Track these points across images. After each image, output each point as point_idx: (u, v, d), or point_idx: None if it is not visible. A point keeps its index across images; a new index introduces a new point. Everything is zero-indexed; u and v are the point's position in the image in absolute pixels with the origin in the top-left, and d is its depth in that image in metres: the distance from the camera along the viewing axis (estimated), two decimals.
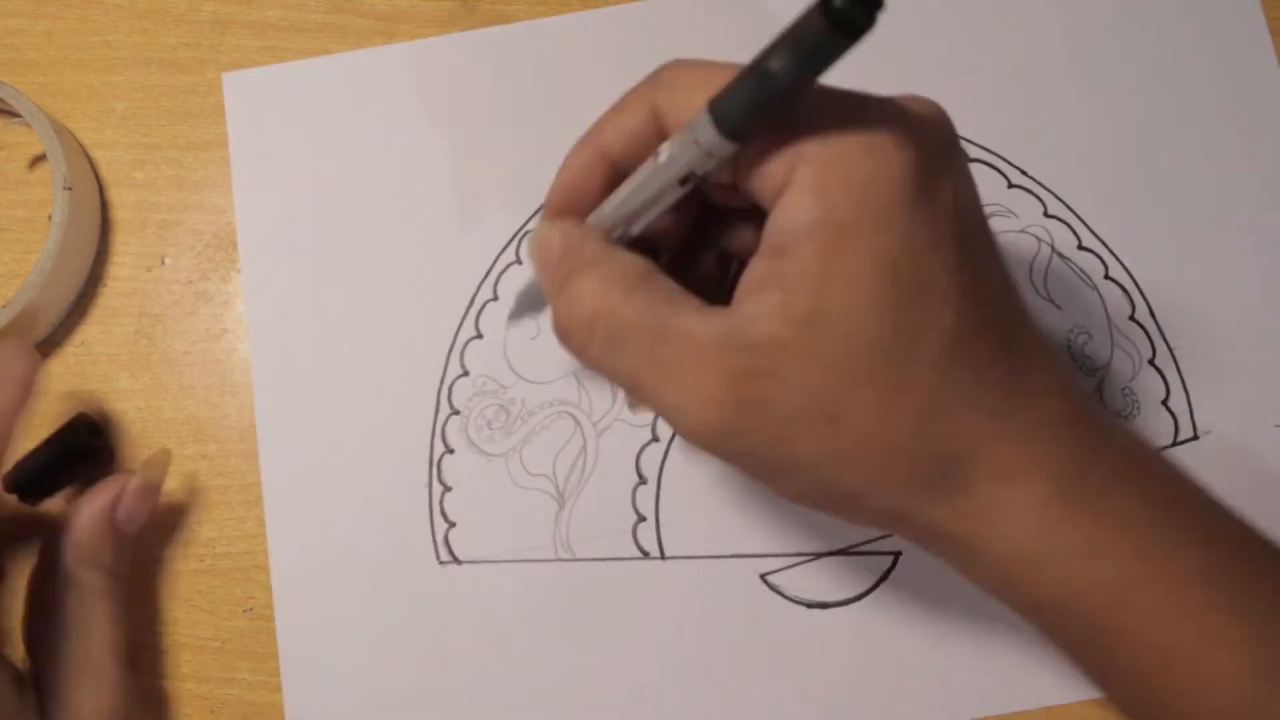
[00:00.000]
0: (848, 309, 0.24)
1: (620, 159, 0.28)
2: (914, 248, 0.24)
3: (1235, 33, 0.41)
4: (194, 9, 0.42)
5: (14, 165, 0.42)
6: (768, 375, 0.25)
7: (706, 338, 0.25)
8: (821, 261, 0.24)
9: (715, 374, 0.25)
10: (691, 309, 0.26)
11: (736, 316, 0.25)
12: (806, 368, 0.25)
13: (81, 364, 0.40)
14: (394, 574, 0.38)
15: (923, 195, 0.24)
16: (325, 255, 0.40)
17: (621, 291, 0.26)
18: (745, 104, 0.23)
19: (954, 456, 0.26)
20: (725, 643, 0.37)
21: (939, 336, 0.25)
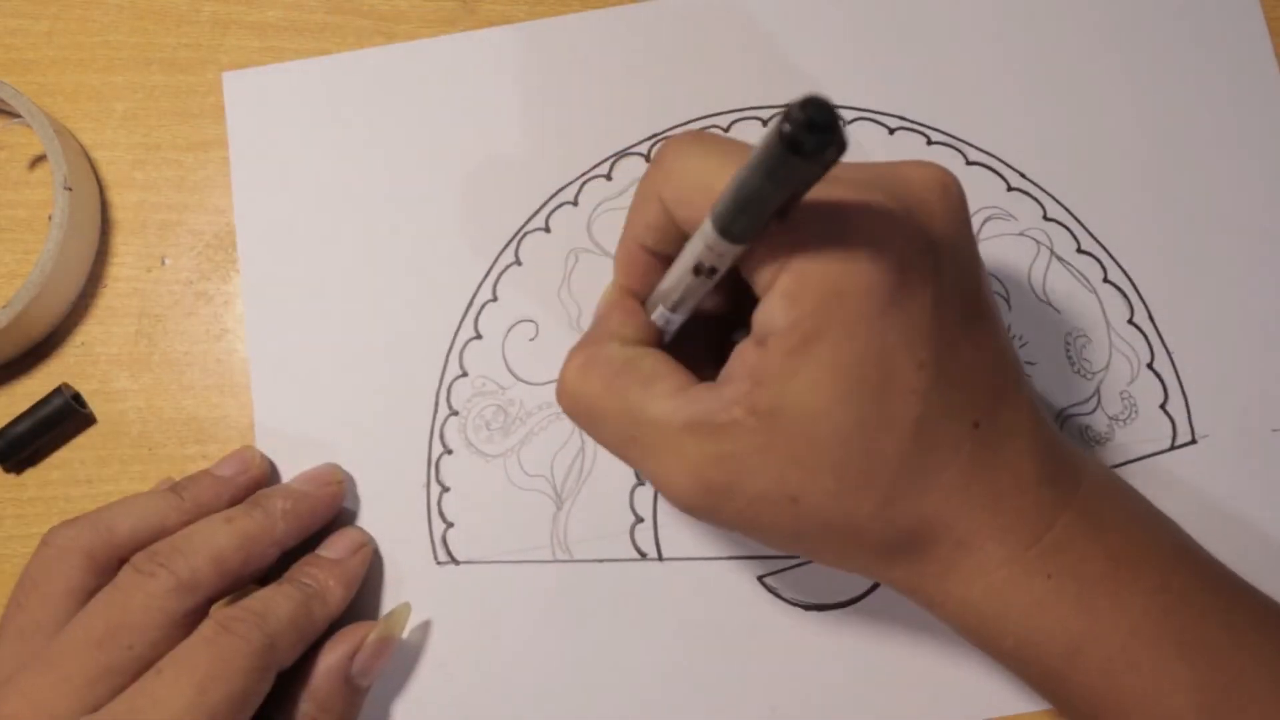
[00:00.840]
0: (807, 408, 0.26)
1: (654, 247, 0.30)
2: (880, 351, 0.26)
3: (1235, 33, 0.41)
4: (194, 9, 0.42)
5: (14, 165, 0.42)
6: (731, 459, 0.27)
7: (675, 425, 0.28)
8: (788, 361, 0.26)
9: (683, 458, 0.28)
10: (666, 394, 0.28)
11: (711, 397, 0.27)
12: (768, 455, 0.27)
13: (81, 364, 0.40)
14: (392, 574, 0.38)
15: (895, 303, 0.26)
16: (325, 255, 0.40)
17: (602, 378, 0.29)
18: (733, 214, 0.25)
19: (913, 530, 0.28)
20: (722, 644, 0.37)
21: (903, 428, 0.27)
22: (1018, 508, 0.28)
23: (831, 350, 0.26)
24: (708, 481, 0.27)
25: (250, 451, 0.38)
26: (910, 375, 0.26)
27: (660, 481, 0.28)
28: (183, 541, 0.33)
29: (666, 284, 0.30)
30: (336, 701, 0.34)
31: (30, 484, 0.40)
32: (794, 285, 0.26)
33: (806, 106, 0.21)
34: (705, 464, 0.27)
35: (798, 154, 0.21)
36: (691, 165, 0.28)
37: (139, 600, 0.32)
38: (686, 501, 0.28)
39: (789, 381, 0.26)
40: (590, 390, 0.29)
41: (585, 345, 0.30)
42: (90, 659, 0.31)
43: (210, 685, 0.30)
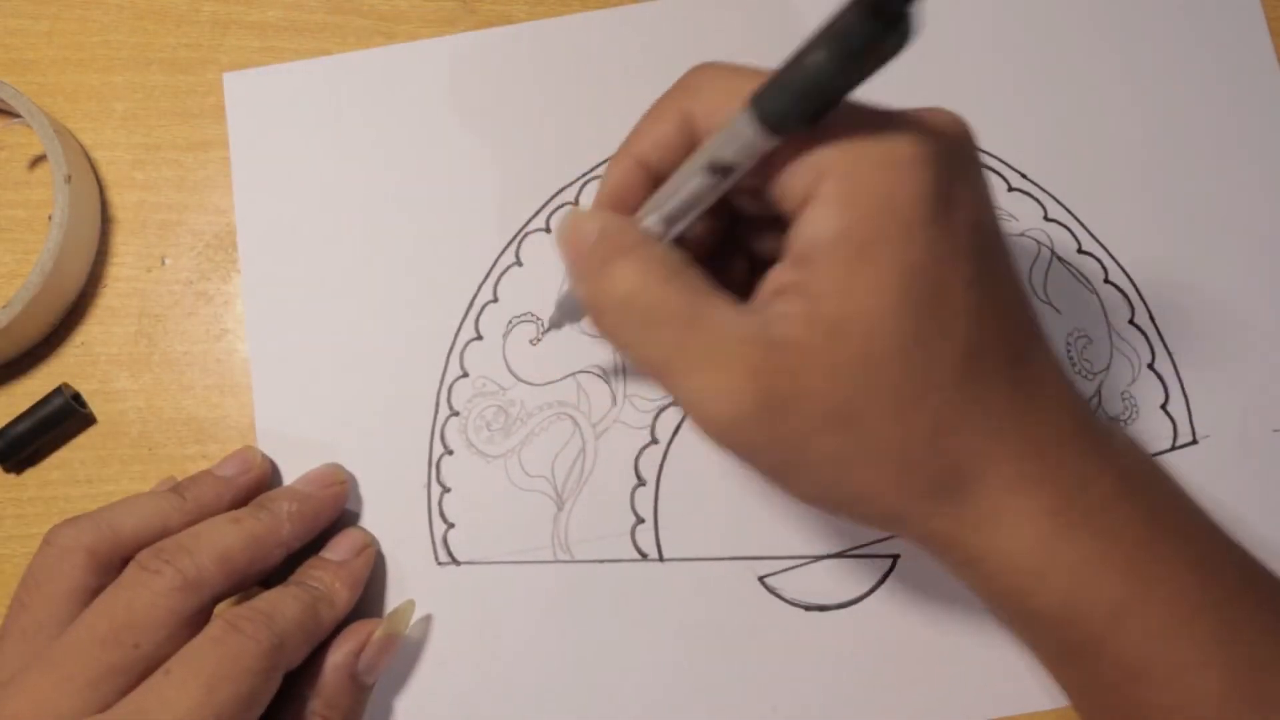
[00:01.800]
0: (869, 319, 0.25)
1: (657, 165, 0.29)
2: (933, 262, 0.25)
3: (1235, 33, 0.41)
4: (194, 9, 0.42)
5: (14, 165, 0.42)
6: (793, 375, 0.26)
7: (738, 331, 0.26)
8: (845, 273, 0.25)
9: (743, 366, 0.26)
10: (725, 303, 0.27)
11: (765, 311, 0.26)
12: (830, 372, 0.26)
13: (81, 364, 0.40)
14: (393, 574, 0.38)
15: (942, 211, 0.25)
16: (325, 255, 0.40)
17: (660, 277, 0.27)
18: (789, 97, 0.23)
19: (962, 466, 0.27)
20: (723, 645, 0.37)
21: (955, 349, 0.26)
22: (1060, 458, 0.27)
23: (888, 258, 0.25)
24: (764, 393, 0.26)
25: (251, 452, 0.38)
26: (960, 292, 0.26)
27: (708, 395, 0.26)
28: (189, 540, 0.33)
29: (663, 194, 0.28)
30: (342, 699, 0.35)
31: (30, 484, 0.40)
32: (841, 191, 0.25)
33: None
34: (766, 374, 0.26)
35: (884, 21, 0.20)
36: (725, 78, 0.27)
37: (145, 598, 0.32)
38: (734, 417, 0.26)
39: (847, 293, 0.25)
40: (650, 288, 0.27)
41: (621, 252, 0.28)
42: (95, 658, 0.31)
43: (219, 685, 0.30)
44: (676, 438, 0.38)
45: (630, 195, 0.30)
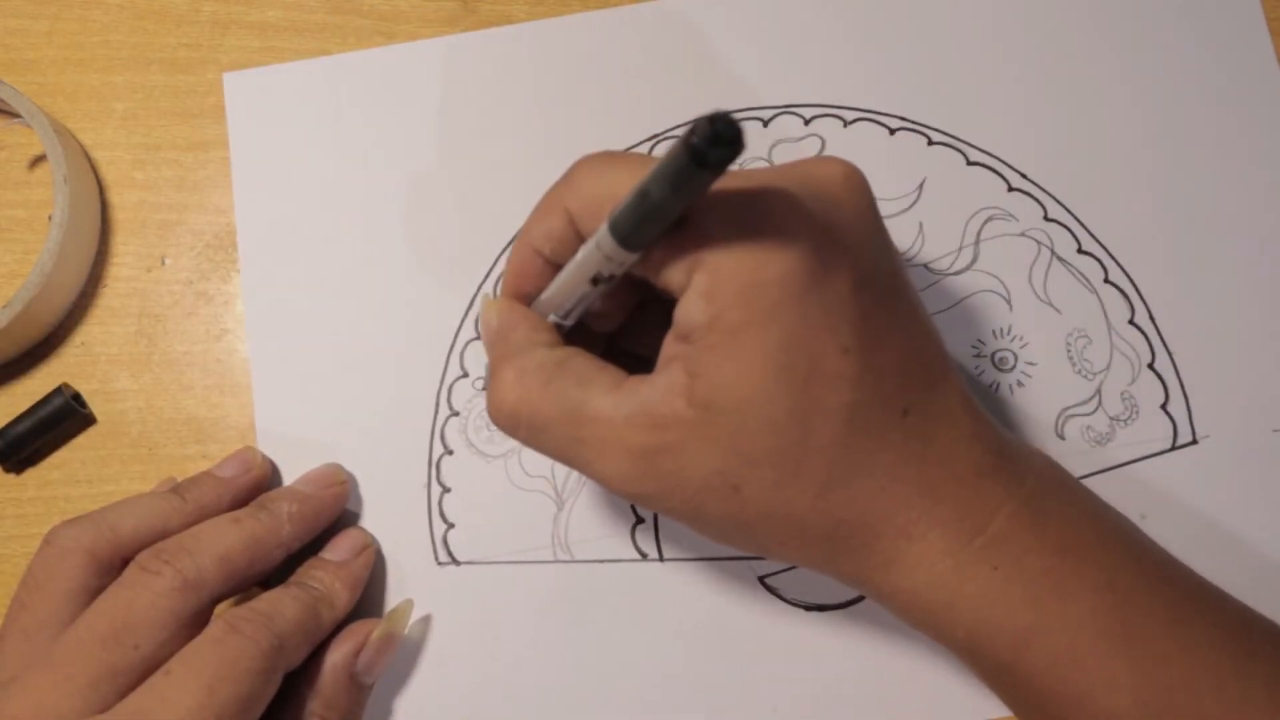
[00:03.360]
0: (741, 398, 0.27)
1: (551, 255, 0.30)
2: (803, 338, 0.26)
3: (1235, 33, 0.41)
4: (194, 9, 0.42)
5: (14, 165, 0.42)
6: (674, 449, 0.27)
7: (619, 418, 0.28)
8: (717, 355, 0.27)
9: (628, 450, 0.28)
10: (604, 391, 0.28)
11: (647, 389, 0.28)
12: (708, 445, 0.27)
13: (81, 364, 0.40)
14: (393, 574, 0.38)
15: (812, 287, 0.26)
16: (325, 255, 0.40)
17: (538, 384, 0.29)
18: (635, 222, 0.26)
19: (854, 520, 0.28)
20: (723, 645, 0.37)
21: (834, 415, 0.27)
22: (957, 497, 0.28)
23: (756, 340, 0.26)
24: (654, 471, 0.28)
25: (251, 452, 0.38)
26: (836, 360, 0.27)
27: (608, 476, 0.29)
28: (189, 540, 0.33)
29: (555, 291, 0.30)
30: (342, 699, 0.35)
31: (30, 484, 0.40)
32: (709, 281, 0.26)
33: (715, 121, 0.22)
34: (651, 454, 0.28)
35: (703, 166, 0.23)
36: (598, 178, 0.29)
37: (145, 599, 0.32)
38: (633, 493, 0.28)
39: (719, 374, 0.27)
40: (530, 399, 0.29)
41: (507, 359, 0.30)
42: (96, 659, 0.31)
43: (219, 686, 0.30)
44: None
45: (530, 281, 0.31)
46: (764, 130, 0.41)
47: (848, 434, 0.27)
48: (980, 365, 0.39)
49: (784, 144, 0.40)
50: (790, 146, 0.40)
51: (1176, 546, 0.37)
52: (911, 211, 0.40)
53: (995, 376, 0.38)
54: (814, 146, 0.40)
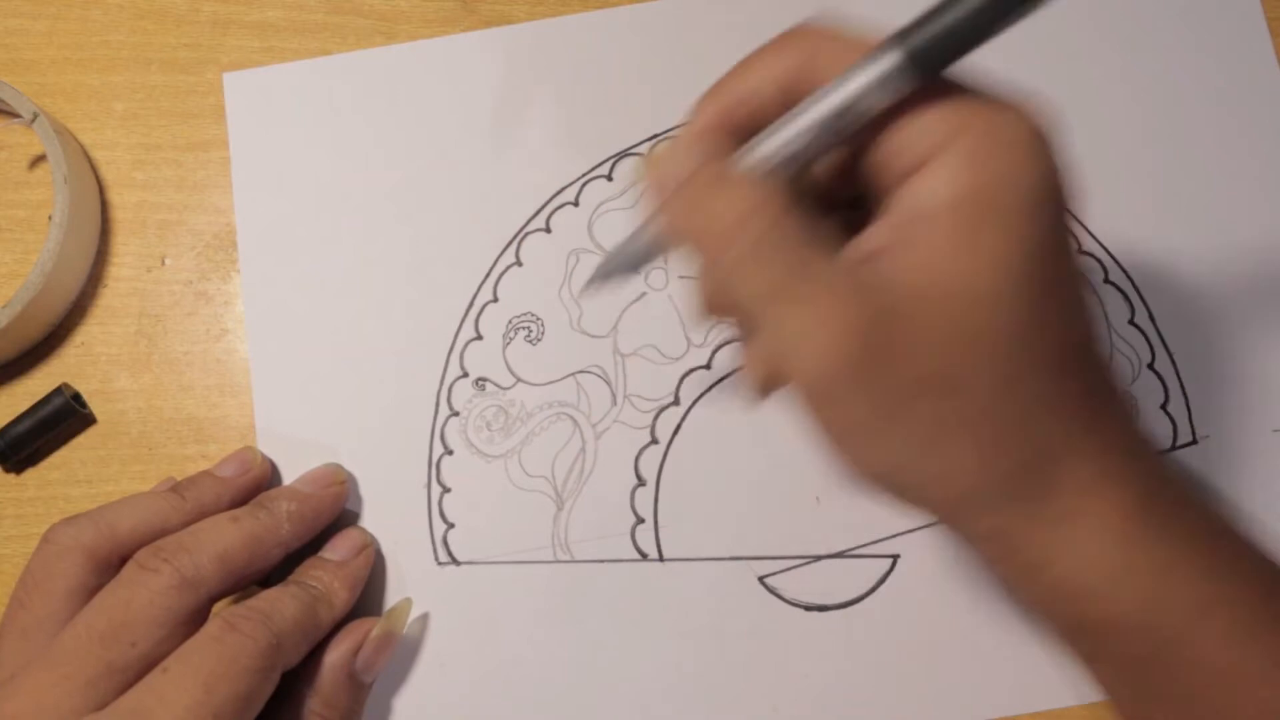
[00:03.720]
0: (988, 287, 0.24)
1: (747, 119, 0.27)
2: (1051, 247, 0.25)
3: (1235, 33, 0.41)
4: (194, 9, 0.42)
5: (14, 165, 0.42)
6: (899, 329, 0.24)
7: (850, 274, 0.24)
8: (969, 235, 0.24)
9: (851, 311, 0.24)
10: (830, 252, 0.25)
11: (870, 268, 0.25)
12: (938, 334, 0.24)
13: (81, 364, 0.40)
14: (393, 574, 0.38)
15: (1055, 206, 0.25)
16: (325, 255, 0.40)
17: (774, 211, 0.25)
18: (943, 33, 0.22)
19: (1046, 455, 0.25)
20: (723, 645, 0.37)
21: (1054, 340, 0.25)
22: (1138, 460, 0.27)
23: (1017, 230, 0.24)
24: (870, 343, 0.24)
25: (251, 452, 0.38)
26: (1070, 283, 0.25)
27: (808, 336, 0.24)
28: (188, 539, 0.33)
29: (772, 138, 0.26)
30: (341, 697, 0.35)
31: (30, 484, 0.40)
32: (981, 148, 0.24)
33: None
34: (874, 324, 0.24)
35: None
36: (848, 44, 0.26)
37: (143, 596, 0.32)
38: (834, 363, 0.24)
39: (973, 255, 0.24)
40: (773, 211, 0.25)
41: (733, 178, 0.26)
42: (94, 656, 0.31)
43: (217, 684, 0.30)
44: (676, 438, 0.39)
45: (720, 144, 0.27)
46: None
47: (1065, 362, 0.25)
48: None
49: None
50: None
51: None
52: None
53: None
54: None
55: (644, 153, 0.29)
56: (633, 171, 0.31)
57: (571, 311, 0.40)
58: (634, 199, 0.40)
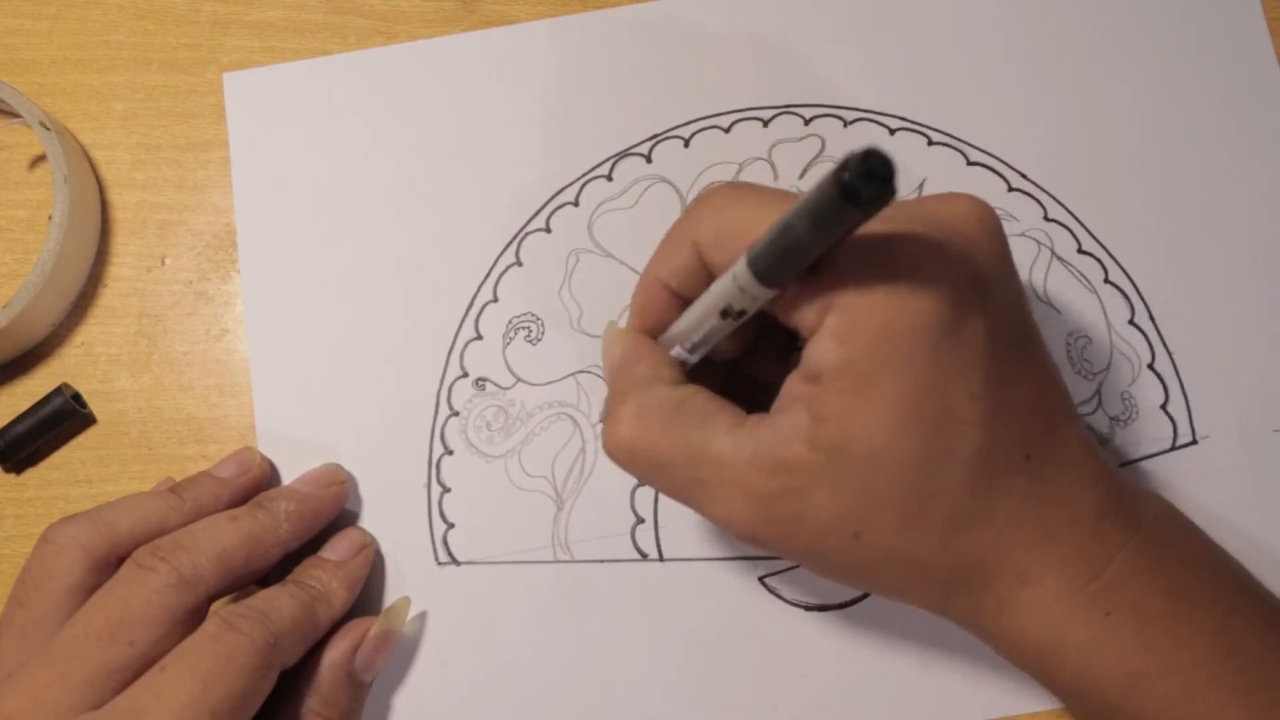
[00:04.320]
0: (871, 442, 0.26)
1: (678, 289, 0.31)
2: (936, 384, 0.26)
3: (1235, 33, 0.41)
4: (194, 9, 0.42)
5: (14, 165, 0.42)
6: (797, 493, 0.27)
7: (740, 460, 0.28)
8: (848, 400, 0.26)
9: (748, 493, 0.28)
10: (725, 430, 0.28)
11: (769, 431, 0.27)
12: (832, 489, 0.27)
13: (81, 364, 0.40)
14: (393, 574, 0.38)
15: (948, 333, 0.26)
16: (325, 255, 0.40)
17: (659, 422, 0.29)
18: (775, 258, 0.25)
19: (972, 564, 0.28)
20: (723, 645, 0.37)
21: (961, 460, 0.27)
22: (1074, 541, 0.28)
23: (889, 386, 0.26)
24: (775, 515, 0.28)
25: (250, 452, 0.38)
26: (966, 407, 0.27)
27: (727, 518, 0.28)
28: (186, 538, 0.33)
29: (684, 325, 0.30)
30: (340, 696, 0.35)
31: (30, 484, 0.40)
32: (844, 324, 0.26)
33: (867, 158, 0.21)
34: (772, 498, 0.27)
35: (854, 203, 0.22)
36: (731, 212, 0.29)
37: (141, 595, 0.32)
38: (754, 534, 0.28)
39: (849, 418, 0.26)
40: (650, 439, 0.29)
41: (628, 394, 0.30)
42: (92, 655, 0.31)
43: (214, 683, 0.30)
44: None
45: (656, 315, 0.31)
46: (764, 130, 0.41)
47: (973, 480, 0.27)
48: None
49: (784, 144, 0.40)
50: (790, 146, 0.40)
51: None
52: None
53: None
54: (814, 147, 0.40)
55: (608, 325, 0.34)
56: None
57: (571, 311, 0.40)
58: (633, 201, 0.40)
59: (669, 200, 0.40)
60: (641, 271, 0.32)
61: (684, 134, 0.41)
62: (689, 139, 0.41)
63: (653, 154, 0.41)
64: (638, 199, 0.40)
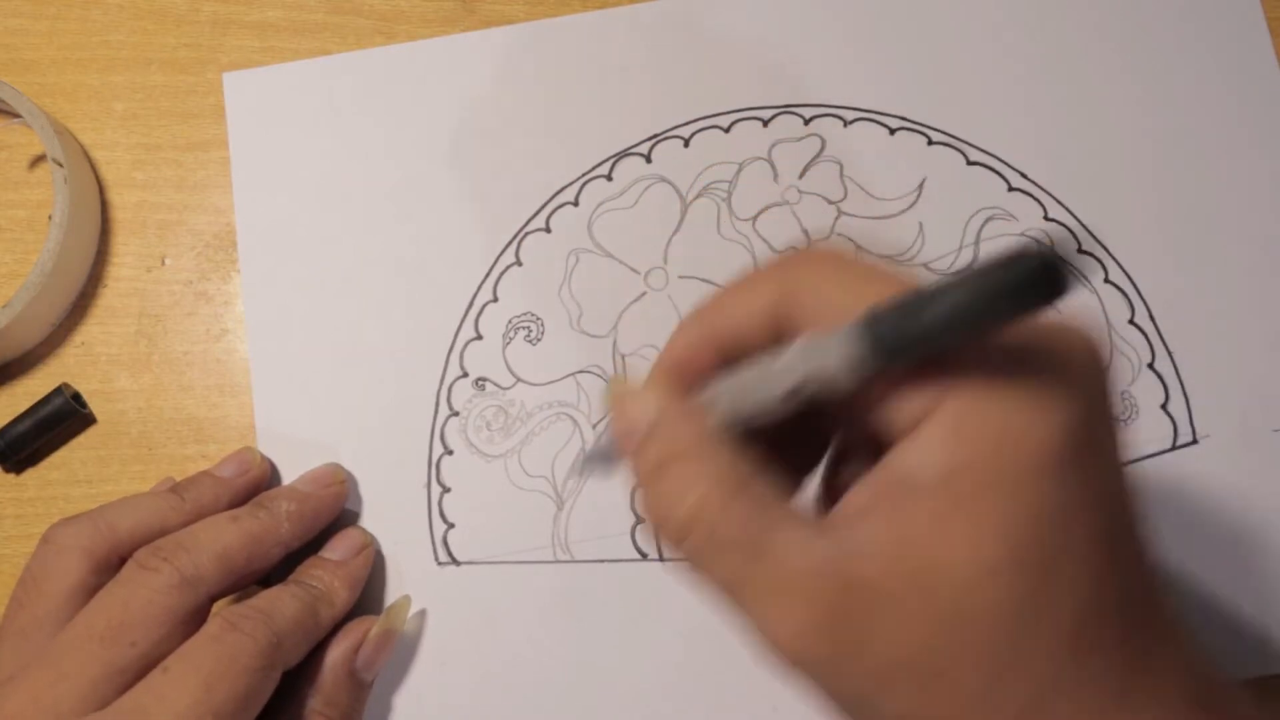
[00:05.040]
0: (965, 574, 0.22)
1: (732, 347, 0.26)
2: (1054, 518, 0.22)
3: (1235, 33, 0.41)
4: (194, 9, 0.42)
5: (14, 165, 0.42)
6: (869, 616, 0.23)
7: (809, 562, 0.23)
8: (947, 515, 0.22)
9: (812, 602, 0.23)
10: (795, 524, 0.24)
11: (842, 539, 0.23)
12: (913, 619, 0.22)
13: (81, 364, 0.40)
14: (393, 574, 0.38)
15: (1073, 461, 0.22)
16: (325, 255, 0.40)
17: (722, 496, 0.24)
18: (899, 339, 0.21)
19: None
20: (724, 644, 0.37)
21: (1067, 616, 0.23)
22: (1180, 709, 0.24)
23: (998, 511, 0.22)
24: (836, 634, 0.23)
25: (250, 452, 0.38)
26: (1079, 552, 0.22)
27: (775, 626, 0.23)
28: (187, 538, 0.33)
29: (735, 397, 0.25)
30: (341, 696, 0.35)
31: (30, 484, 0.40)
32: (961, 424, 0.22)
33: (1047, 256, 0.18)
34: (836, 615, 0.23)
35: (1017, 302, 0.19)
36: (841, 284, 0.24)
37: (142, 596, 0.32)
38: (802, 653, 0.23)
39: (943, 543, 0.22)
40: (711, 511, 0.24)
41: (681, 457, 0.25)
42: (94, 656, 0.31)
43: (217, 683, 0.30)
44: None
45: (695, 369, 0.26)
46: (764, 130, 0.41)
47: (1075, 642, 0.23)
48: None
49: (784, 143, 0.40)
50: (790, 146, 0.40)
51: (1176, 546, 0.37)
52: (911, 211, 0.40)
53: None
54: (814, 146, 0.40)
55: (616, 382, 0.29)
56: (605, 394, 0.30)
57: (571, 311, 0.40)
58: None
59: (669, 200, 0.40)
60: (685, 317, 0.27)
61: (684, 134, 0.41)
62: (689, 139, 0.41)
63: (652, 154, 0.41)
64: (637, 199, 0.40)
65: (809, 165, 0.40)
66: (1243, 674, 0.36)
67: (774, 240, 0.40)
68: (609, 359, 0.39)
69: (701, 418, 0.25)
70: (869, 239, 0.40)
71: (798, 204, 0.40)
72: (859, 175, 0.40)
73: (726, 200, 0.40)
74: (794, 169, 0.40)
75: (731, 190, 0.40)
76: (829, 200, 0.40)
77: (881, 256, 0.39)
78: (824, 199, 0.40)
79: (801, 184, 0.40)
